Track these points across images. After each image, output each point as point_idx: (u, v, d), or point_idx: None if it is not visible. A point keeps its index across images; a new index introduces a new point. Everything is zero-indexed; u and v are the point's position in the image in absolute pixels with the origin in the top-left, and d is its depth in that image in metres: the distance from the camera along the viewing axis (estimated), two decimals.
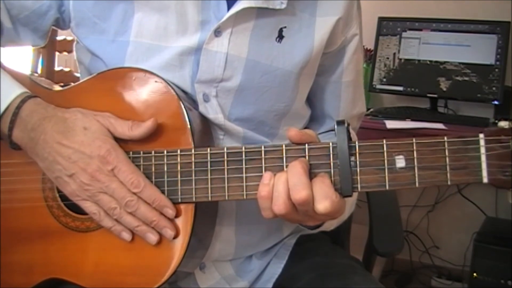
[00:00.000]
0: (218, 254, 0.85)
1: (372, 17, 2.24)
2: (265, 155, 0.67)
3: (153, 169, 0.72)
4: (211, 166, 0.69)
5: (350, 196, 0.65)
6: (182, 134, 0.71)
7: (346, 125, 0.65)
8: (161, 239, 0.71)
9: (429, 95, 2.19)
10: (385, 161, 0.64)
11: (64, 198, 0.75)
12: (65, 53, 1.74)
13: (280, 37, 0.80)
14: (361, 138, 0.70)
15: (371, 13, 2.20)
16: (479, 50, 2.11)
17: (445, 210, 2.40)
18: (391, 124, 1.93)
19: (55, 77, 1.76)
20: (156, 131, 0.72)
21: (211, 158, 0.69)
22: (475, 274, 2.03)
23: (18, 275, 0.77)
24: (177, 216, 0.71)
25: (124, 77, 0.75)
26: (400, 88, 2.24)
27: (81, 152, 0.70)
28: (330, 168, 0.66)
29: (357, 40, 0.88)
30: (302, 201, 0.63)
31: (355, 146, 0.65)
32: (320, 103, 0.92)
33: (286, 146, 0.67)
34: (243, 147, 0.68)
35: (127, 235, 0.71)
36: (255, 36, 0.79)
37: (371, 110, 2.13)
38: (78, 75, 0.95)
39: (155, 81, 0.73)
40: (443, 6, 2.26)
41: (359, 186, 0.65)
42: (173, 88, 0.73)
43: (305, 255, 0.92)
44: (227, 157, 0.69)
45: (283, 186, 0.64)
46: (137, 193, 0.70)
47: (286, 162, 0.67)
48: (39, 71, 1.76)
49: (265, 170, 0.67)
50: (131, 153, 0.72)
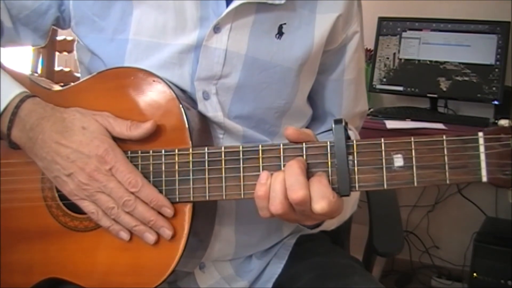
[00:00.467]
0: (218, 254, 0.85)
1: (372, 17, 2.24)
2: (262, 154, 0.67)
3: (151, 169, 0.71)
4: (208, 166, 0.69)
5: (348, 195, 0.64)
6: (180, 134, 0.71)
7: (343, 123, 0.64)
8: (159, 239, 0.71)
9: (429, 95, 2.19)
10: (383, 160, 0.63)
11: (63, 197, 0.75)
12: (65, 53, 1.73)
13: (280, 33, 0.80)
14: (361, 138, 0.69)
15: (371, 13, 2.20)
16: (479, 50, 2.10)
17: (445, 210, 2.40)
18: (391, 124, 1.92)
19: (55, 77, 1.76)
20: (154, 131, 0.71)
21: (208, 157, 0.69)
22: (475, 274, 2.03)
23: (18, 275, 0.77)
24: (175, 216, 0.71)
25: (123, 76, 0.75)
26: (400, 88, 2.24)
27: (79, 152, 0.70)
28: (328, 168, 0.65)
29: (358, 37, 0.88)
30: (299, 201, 0.62)
31: (352, 145, 0.64)
32: (322, 101, 0.91)
33: (283, 145, 0.67)
34: (240, 147, 0.68)
35: (125, 235, 0.71)
36: (254, 32, 0.79)
37: (371, 110, 2.13)
38: (78, 75, 0.94)
39: (153, 80, 0.73)
40: (443, 6, 2.26)
41: (357, 185, 0.64)
42: (171, 88, 0.73)
43: (305, 255, 0.91)
44: (224, 156, 0.68)
45: (280, 186, 0.63)
46: (134, 192, 0.70)
47: (283, 161, 0.66)
48: (39, 71, 1.76)
49: (262, 170, 0.67)
50: (129, 152, 0.72)
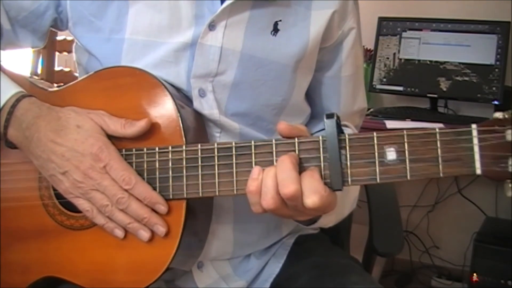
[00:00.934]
0: (216, 253, 0.85)
1: (372, 17, 2.24)
2: (255, 150, 0.67)
3: (145, 166, 0.72)
4: (202, 162, 0.69)
5: (341, 190, 0.64)
6: (174, 132, 0.71)
7: (335, 118, 0.64)
8: (154, 236, 0.71)
9: (429, 95, 2.18)
10: (376, 154, 0.63)
11: (59, 196, 0.76)
12: (65, 53, 1.74)
13: (275, 30, 0.80)
14: None
15: (371, 13, 2.20)
16: (479, 50, 2.10)
17: (445, 210, 2.39)
18: (391, 124, 1.92)
19: (55, 77, 1.76)
20: (149, 129, 0.72)
21: (202, 154, 0.69)
22: (475, 274, 2.03)
23: (16, 274, 0.78)
24: (169, 213, 0.71)
25: (118, 75, 0.75)
26: (400, 88, 2.23)
27: (74, 150, 0.70)
28: (320, 162, 0.65)
29: (354, 34, 0.87)
30: (291, 196, 0.62)
31: (345, 139, 0.64)
32: (320, 99, 0.91)
33: (276, 140, 0.66)
34: (233, 143, 0.68)
35: (119, 232, 0.72)
36: (249, 29, 0.79)
37: (371, 110, 2.13)
38: (78, 75, 0.95)
39: (148, 79, 0.73)
40: (443, 6, 2.26)
41: (349, 179, 0.64)
42: (165, 87, 0.73)
43: (303, 255, 0.91)
44: (217, 152, 0.68)
45: (272, 181, 0.63)
46: (128, 190, 0.70)
47: (276, 157, 0.66)
48: (39, 71, 1.76)
49: (255, 165, 0.66)
50: (124, 150, 0.72)
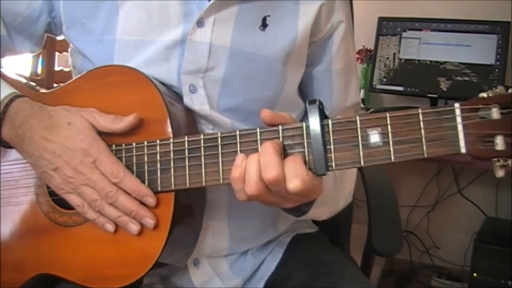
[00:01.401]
0: (212, 249, 0.85)
1: (372, 17, 2.23)
2: (240, 139, 0.67)
3: (134, 161, 0.73)
4: (188, 154, 0.70)
5: (325, 174, 0.64)
6: (163, 127, 0.73)
7: (317, 103, 0.64)
8: (144, 229, 0.72)
9: (429, 95, 2.18)
10: (359, 138, 0.63)
11: (53, 193, 0.77)
12: (65, 53, 1.74)
13: (264, 25, 0.81)
14: None
15: (371, 13, 2.19)
16: (479, 50, 2.10)
17: (445, 210, 2.39)
18: None
19: (55, 77, 1.76)
20: (138, 125, 0.73)
21: (188, 145, 0.70)
22: (475, 274, 2.03)
23: (11, 272, 0.79)
24: (158, 206, 0.72)
25: (109, 74, 0.77)
26: (400, 88, 2.23)
27: (65, 146, 0.72)
28: (304, 148, 0.65)
29: (343, 27, 0.87)
30: (273, 181, 0.62)
31: (328, 124, 0.64)
32: (312, 94, 0.91)
33: (260, 129, 0.67)
34: (218, 133, 0.69)
35: (110, 227, 0.73)
36: (238, 25, 0.80)
37: (371, 110, 2.13)
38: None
39: (138, 77, 0.75)
40: (443, 6, 2.26)
41: (333, 164, 0.64)
42: (154, 84, 0.74)
43: (298, 254, 0.92)
44: (203, 143, 0.69)
45: (255, 167, 0.63)
46: (117, 183, 0.71)
47: (260, 145, 0.66)
48: (39, 71, 1.77)
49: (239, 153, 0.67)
50: (114, 146, 0.74)
